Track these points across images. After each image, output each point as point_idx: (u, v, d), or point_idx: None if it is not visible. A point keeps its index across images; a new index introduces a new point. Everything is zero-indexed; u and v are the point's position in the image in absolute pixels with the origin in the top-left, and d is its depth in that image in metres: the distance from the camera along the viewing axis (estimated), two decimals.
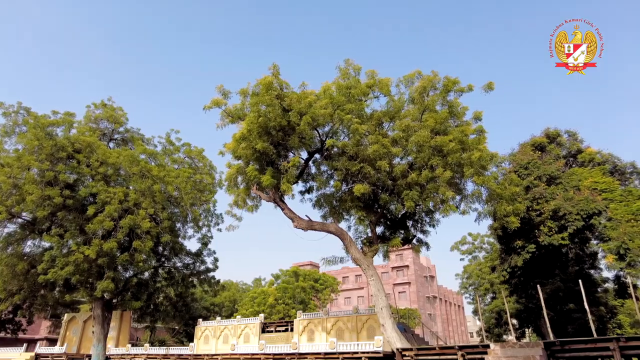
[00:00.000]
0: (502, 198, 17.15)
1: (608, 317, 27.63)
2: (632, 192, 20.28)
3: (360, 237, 22.10)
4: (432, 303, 78.56)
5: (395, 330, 18.57)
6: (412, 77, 19.18)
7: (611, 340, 13.22)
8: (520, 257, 21.93)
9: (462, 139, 16.59)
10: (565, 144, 24.65)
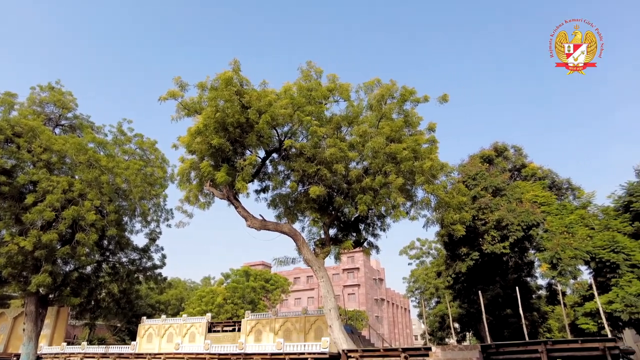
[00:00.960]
0: (449, 206, 17.91)
1: (540, 322, 29.47)
2: (567, 207, 21.81)
3: (314, 238, 22.27)
4: (380, 305, 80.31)
5: (342, 332, 18.85)
6: (372, 85, 19.63)
7: (539, 343, 14.17)
8: (465, 263, 22.95)
9: (415, 148, 17.18)
10: (511, 158, 26.10)
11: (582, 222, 20.67)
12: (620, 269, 18.25)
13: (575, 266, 19.35)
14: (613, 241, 18.76)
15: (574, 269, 19.41)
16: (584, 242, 19.42)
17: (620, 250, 18.47)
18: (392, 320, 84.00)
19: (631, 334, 31.61)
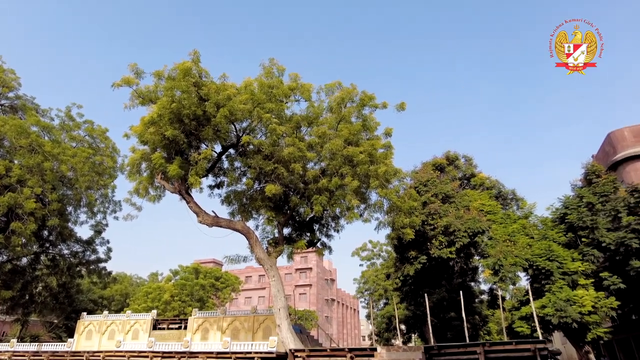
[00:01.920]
0: (401, 210, 18.43)
1: (481, 325, 30.91)
2: (510, 216, 23.03)
3: (267, 237, 22.13)
4: (330, 306, 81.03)
5: (291, 331, 18.87)
6: (333, 87, 19.82)
7: (478, 345, 14.88)
8: (413, 266, 23.65)
9: (372, 152, 17.53)
10: (462, 167, 27.22)
11: (523, 231, 21.89)
12: (553, 276, 19.49)
13: (515, 273, 20.46)
14: (549, 250, 19.99)
15: (513, 275, 20.51)
16: (524, 250, 20.56)
17: (555, 258, 19.72)
18: (342, 321, 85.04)
19: (559, 336, 33.86)
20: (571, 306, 18.52)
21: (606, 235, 19.61)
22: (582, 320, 18.40)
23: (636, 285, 19.30)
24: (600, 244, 19.80)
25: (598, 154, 29.72)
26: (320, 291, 76.79)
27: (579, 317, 18.26)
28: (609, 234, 19.66)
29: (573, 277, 19.40)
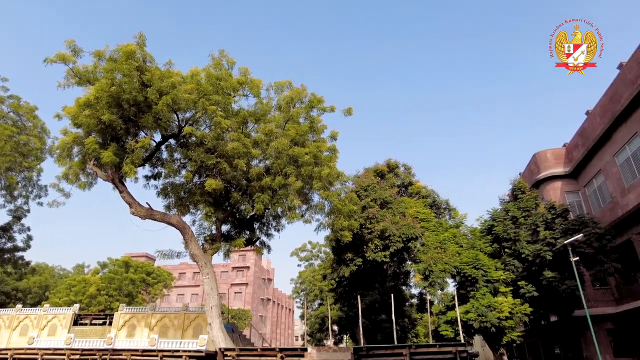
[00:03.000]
0: (341, 213, 18.73)
1: (409, 328, 32.21)
2: (442, 224, 24.24)
3: (204, 233, 21.52)
4: (266, 305, 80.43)
5: (222, 330, 18.49)
6: (283, 85, 19.74)
7: (405, 347, 15.49)
8: (349, 268, 24.16)
9: (317, 154, 17.67)
10: (401, 175, 28.26)
11: (453, 239, 23.12)
12: (478, 283, 20.78)
13: (443, 279, 21.56)
14: (476, 259, 21.29)
15: (442, 281, 21.60)
16: (453, 257, 21.72)
17: (481, 267, 21.03)
18: (276, 321, 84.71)
19: (479, 339, 36.12)
20: (491, 312, 19.86)
21: (526, 247, 21.23)
22: (500, 325, 19.81)
23: (547, 294, 21.08)
24: (521, 255, 21.39)
25: (524, 171, 32.12)
26: (257, 290, 75.99)
27: (497, 322, 19.63)
28: (529, 246, 21.30)
29: (495, 284, 20.80)
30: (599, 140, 23.77)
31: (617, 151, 22.74)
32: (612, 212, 23.21)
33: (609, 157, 23.52)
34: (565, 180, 27.85)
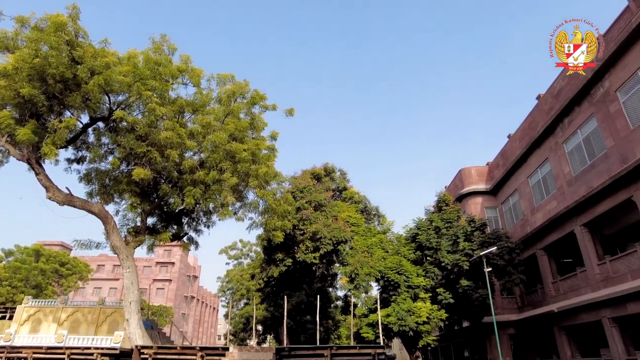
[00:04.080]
0: (275, 213, 18.68)
1: (333, 329, 32.87)
2: (371, 230, 25.11)
3: (128, 224, 20.34)
4: (189, 303, 77.81)
5: (140, 327, 17.62)
6: (226, 78, 19.29)
7: (326, 348, 15.79)
8: (278, 268, 24.18)
9: (255, 152, 17.49)
10: (337, 180, 28.89)
11: (380, 245, 24.04)
12: (400, 288, 21.76)
13: (368, 282, 22.31)
14: (399, 264, 22.29)
15: (367, 284, 22.34)
16: (379, 262, 22.56)
17: (403, 272, 22.05)
18: (199, 319, 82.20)
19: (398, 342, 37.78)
20: (410, 316, 20.89)
21: (446, 257, 22.61)
22: (417, 329, 20.89)
23: (462, 301, 22.62)
24: (441, 264, 22.75)
25: (450, 185, 34.21)
26: (181, 287, 73.29)
27: (415, 326, 20.68)
28: (449, 255, 22.72)
29: (416, 290, 21.91)
30: (517, 162, 26.01)
31: (530, 173, 25.03)
32: (523, 229, 25.48)
33: (523, 179, 25.82)
34: (485, 196, 30.09)
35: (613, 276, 17.85)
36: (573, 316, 20.30)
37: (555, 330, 21.81)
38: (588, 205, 19.17)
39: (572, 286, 20.89)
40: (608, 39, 18.09)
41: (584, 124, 19.82)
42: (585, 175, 19.66)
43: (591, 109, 19.18)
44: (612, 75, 17.67)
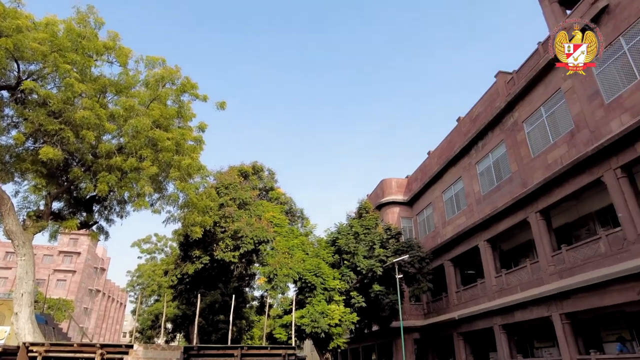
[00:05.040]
0: (196, 208, 18.06)
1: (246, 330, 32.55)
2: (294, 232, 25.29)
3: (28, 207, 18.43)
4: (93, 297, 72.33)
5: (32, 321, 16.02)
6: (156, 62, 18.30)
7: (236, 348, 15.57)
8: (194, 265, 23.40)
9: (180, 142, 16.79)
10: (265, 179, 28.72)
11: (301, 247, 24.28)
12: (316, 290, 22.14)
13: (286, 283, 22.39)
14: (318, 267, 22.68)
15: (284, 285, 22.41)
16: (298, 264, 22.76)
17: (321, 275, 22.47)
18: (103, 314, 76.66)
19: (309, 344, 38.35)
20: (323, 318, 21.32)
21: (362, 261, 23.45)
22: (329, 331, 21.37)
23: (373, 305, 23.59)
24: (357, 268, 23.54)
25: (372, 194, 35.59)
26: (86, 279, 67.88)
27: (327, 328, 21.14)
28: (365, 260, 23.58)
29: (331, 293, 22.42)
30: (434, 177, 27.82)
31: (445, 189, 26.90)
32: (434, 240, 27.27)
33: (438, 194, 27.66)
34: (403, 206, 31.75)
35: (506, 288, 19.75)
36: (470, 323, 22.11)
37: (455, 335, 23.59)
38: (492, 222, 21.06)
39: (472, 296, 22.75)
40: (520, 75, 20.13)
41: (495, 148, 21.78)
42: (492, 195, 21.57)
43: (502, 135, 21.14)
44: (521, 107, 19.67)
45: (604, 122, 14.86)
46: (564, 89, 16.89)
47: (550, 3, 18.34)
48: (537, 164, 18.28)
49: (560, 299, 16.02)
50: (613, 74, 14.77)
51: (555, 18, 17.95)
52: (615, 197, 14.21)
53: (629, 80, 14.03)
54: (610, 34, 14.74)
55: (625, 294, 13.34)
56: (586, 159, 15.04)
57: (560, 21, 17.65)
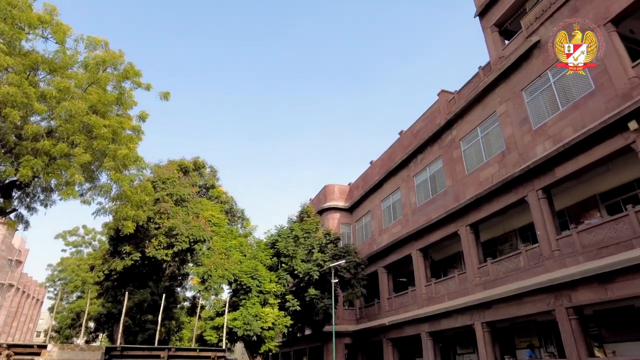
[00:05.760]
0: (129, 201, 17.15)
1: (175, 331, 31.31)
2: (233, 232, 24.84)
3: None
4: (5, 292, 66.23)
5: None
6: (97, 43, 17.19)
7: (163, 349, 14.99)
8: (123, 262, 22.17)
9: (117, 130, 15.90)
10: (206, 176, 27.94)
11: (239, 248, 23.90)
12: (251, 292, 21.86)
13: (220, 284, 21.90)
14: (255, 269, 22.42)
15: (218, 286, 21.91)
16: (235, 265, 22.36)
17: (257, 277, 22.23)
18: (15, 311, 70.30)
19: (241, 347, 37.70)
20: (257, 321, 21.08)
21: (300, 265, 23.52)
22: (262, 334, 21.16)
23: (308, 309, 23.72)
24: (294, 271, 23.56)
25: (315, 198, 35.89)
26: None
27: (260, 331, 20.92)
28: (302, 264, 23.67)
29: (266, 296, 22.24)
30: (374, 186, 28.61)
31: (384, 198, 27.75)
32: (370, 247, 27.99)
33: (377, 202, 28.48)
34: (343, 212, 32.32)
35: (435, 296, 20.71)
36: (400, 329, 22.90)
37: (384, 341, 24.30)
38: (425, 233, 22.02)
39: (403, 303, 23.60)
40: (461, 95, 21.34)
41: (433, 163, 22.85)
42: (427, 207, 22.58)
43: (440, 151, 22.24)
44: (459, 126, 20.84)
45: (530, 146, 16.13)
46: (499, 113, 18.14)
47: (492, 32, 19.68)
48: (470, 181, 19.42)
49: (483, 308, 17.09)
50: (540, 103, 16.11)
51: (495, 46, 19.29)
52: (536, 216, 15.45)
53: (554, 110, 15.38)
54: (540, 66, 16.10)
55: (538, 305, 14.53)
56: (513, 179, 16.24)
57: (500, 49, 19.02)
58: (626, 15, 13.47)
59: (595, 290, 12.68)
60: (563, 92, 15.13)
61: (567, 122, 14.63)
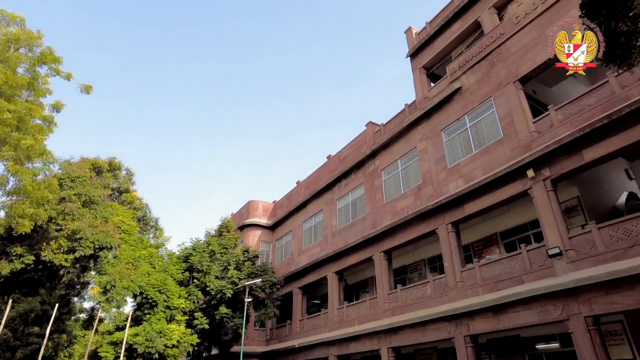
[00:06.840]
0: (29, 197, 15.45)
1: (65, 346, 28.16)
2: (144, 241, 23.32)
3: None
4: None
5: None
6: (12, 19, 15.47)
7: None
8: (11, 265, 19.68)
9: (24, 118, 14.40)
10: (120, 179, 26.12)
11: (149, 259, 22.43)
12: (158, 307, 20.51)
13: (124, 296, 20.28)
14: (164, 283, 21.12)
15: (122, 298, 20.27)
16: (142, 277, 20.90)
17: (165, 291, 20.94)
18: None
19: None
20: (161, 338, 19.75)
21: (213, 282, 22.65)
22: (165, 352, 19.83)
23: (217, 328, 22.79)
24: (206, 288, 22.60)
25: (237, 213, 35.13)
26: None
27: (162, 349, 19.59)
28: (216, 281, 22.82)
29: (174, 312, 20.99)
30: (298, 206, 28.82)
31: (306, 219, 28.02)
32: (288, 267, 27.90)
33: (300, 222, 28.66)
34: (265, 230, 31.97)
35: (346, 320, 21.10)
36: (309, 351, 22.86)
37: None
38: (342, 255, 22.53)
39: (314, 325, 23.68)
40: (387, 129, 22.56)
41: (355, 189, 23.67)
42: (346, 231, 23.20)
43: (363, 178, 23.14)
44: (382, 157, 21.94)
45: (444, 183, 17.45)
46: (419, 149, 19.44)
47: (420, 73, 21.28)
48: (388, 209, 20.40)
49: (390, 333, 17.74)
50: (457, 144, 17.60)
51: (422, 86, 20.84)
52: (444, 248, 16.60)
53: (467, 152, 16.87)
54: (459, 110, 17.67)
55: (440, 332, 15.46)
56: (427, 211, 17.37)
57: (426, 90, 20.55)
58: (531, 76, 15.44)
59: (489, 320, 13.85)
60: (477, 136, 16.70)
61: (478, 163, 16.12)
